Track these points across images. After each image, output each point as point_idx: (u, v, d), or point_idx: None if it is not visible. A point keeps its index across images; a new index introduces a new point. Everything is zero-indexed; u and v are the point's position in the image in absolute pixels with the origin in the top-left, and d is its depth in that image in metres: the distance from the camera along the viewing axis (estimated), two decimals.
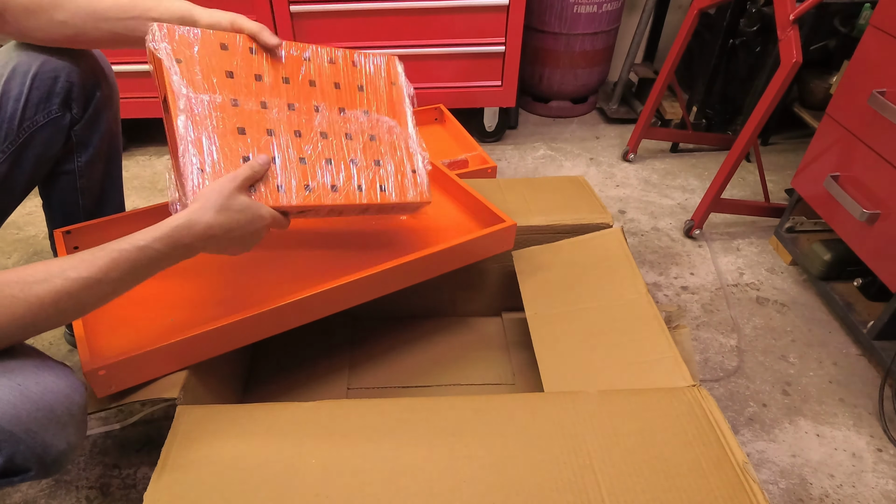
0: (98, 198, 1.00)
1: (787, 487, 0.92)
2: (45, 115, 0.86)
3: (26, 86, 0.83)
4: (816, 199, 1.23)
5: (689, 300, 1.27)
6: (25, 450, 0.56)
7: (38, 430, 0.57)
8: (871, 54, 1.08)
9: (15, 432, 0.55)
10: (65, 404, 0.59)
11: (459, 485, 0.61)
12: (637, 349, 0.79)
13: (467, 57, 1.65)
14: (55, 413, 0.58)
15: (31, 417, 0.56)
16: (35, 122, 0.85)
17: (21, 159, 0.87)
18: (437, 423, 0.67)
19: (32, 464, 0.58)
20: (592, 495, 0.59)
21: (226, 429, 0.67)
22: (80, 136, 0.92)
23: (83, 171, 0.96)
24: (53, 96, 0.85)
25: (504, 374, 1.04)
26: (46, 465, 0.59)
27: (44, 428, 0.57)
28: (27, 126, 0.85)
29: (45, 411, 0.57)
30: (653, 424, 0.66)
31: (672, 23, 2.08)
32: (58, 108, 0.87)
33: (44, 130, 0.87)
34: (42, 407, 0.57)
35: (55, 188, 0.96)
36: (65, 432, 0.59)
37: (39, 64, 0.83)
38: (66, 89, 0.86)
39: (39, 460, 0.58)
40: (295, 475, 0.62)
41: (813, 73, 1.66)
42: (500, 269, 1.07)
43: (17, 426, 0.55)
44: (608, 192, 1.64)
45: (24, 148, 0.86)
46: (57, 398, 0.58)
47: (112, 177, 1.02)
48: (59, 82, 0.85)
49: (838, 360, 1.14)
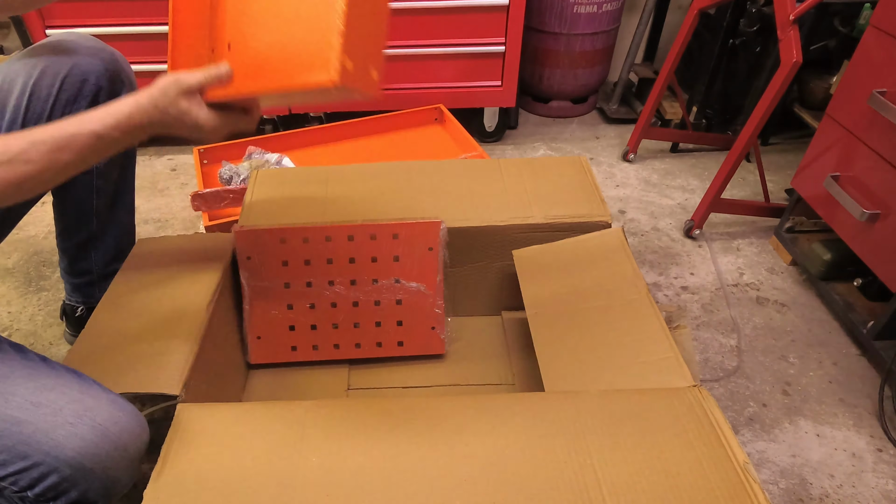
0: (111, 198, 1.01)
1: (787, 487, 0.92)
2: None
3: (55, 87, 0.84)
4: (816, 199, 1.23)
5: (689, 300, 1.27)
6: (98, 486, 0.60)
7: (112, 467, 0.60)
8: (871, 54, 1.08)
9: (95, 470, 0.59)
10: (136, 443, 0.63)
11: (459, 484, 0.61)
12: (637, 349, 0.79)
13: (467, 57, 1.65)
14: (129, 452, 0.62)
15: (109, 456, 0.60)
16: None
17: None
18: (437, 423, 0.67)
19: (101, 497, 0.61)
20: (593, 495, 0.59)
21: (226, 428, 0.67)
22: None
23: (101, 172, 0.97)
24: (81, 98, 0.87)
25: (504, 374, 1.04)
26: (110, 497, 0.62)
27: (117, 465, 0.61)
28: None
29: (121, 451, 0.61)
30: (653, 424, 0.66)
31: (672, 23, 2.08)
32: (85, 110, 0.87)
33: None
34: (119, 447, 0.61)
35: (71, 187, 0.97)
36: (132, 468, 0.63)
37: (70, 66, 0.85)
38: (94, 92, 0.88)
39: (107, 493, 0.61)
40: (295, 475, 0.62)
41: (813, 73, 1.66)
42: (500, 269, 1.07)
43: (97, 464, 0.59)
44: (608, 192, 1.64)
45: None
46: (131, 437, 0.62)
47: (127, 178, 1.04)
48: (88, 85, 0.87)
49: (838, 360, 1.14)
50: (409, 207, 1.03)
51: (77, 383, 0.63)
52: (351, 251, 0.96)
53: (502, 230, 1.02)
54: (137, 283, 0.88)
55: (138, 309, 0.82)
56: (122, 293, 0.86)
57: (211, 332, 0.82)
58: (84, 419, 0.59)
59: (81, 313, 1.09)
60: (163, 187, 1.63)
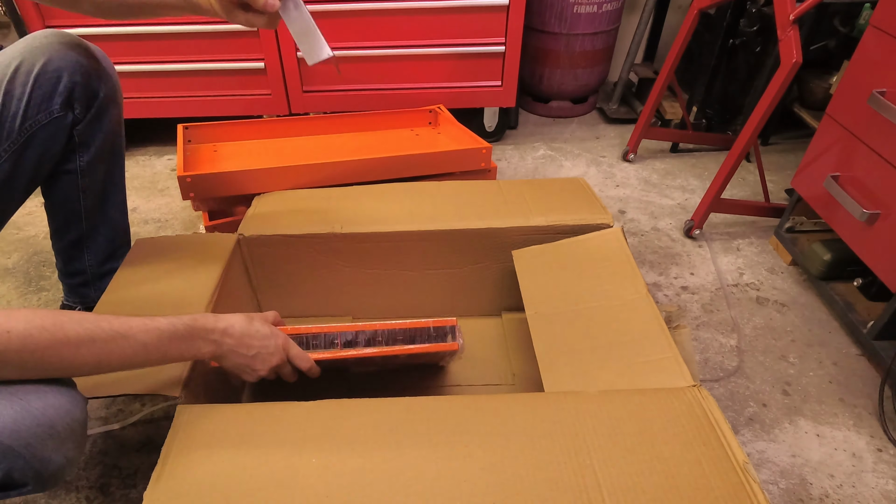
0: (100, 197, 1.00)
1: (787, 487, 0.92)
2: (47, 115, 0.86)
3: (29, 85, 0.83)
4: (816, 199, 1.23)
5: (689, 300, 1.27)
6: (24, 465, 0.56)
7: (37, 445, 0.56)
8: (871, 54, 1.08)
9: (14, 447, 0.55)
10: (66, 420, 0.58)
11: (459, 485, 0.61)
12: (637, 349, 0.79)
13: (467, 57, 1.65)
14: (55, 429, 0.57)
15: (32, 433, 0.56)
16: (37, 122, 0.85)
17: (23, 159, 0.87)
18: (437, 423, 0.67)
19: (29, 479, 0.57)
20: (592, 495, 0.59)
21: (226, 428, 0.67)
22: (82, 135, 0.92)
23: (85, 171, 0.96)
24: (56, 96, 0.85)
25: (504, 374, 1.04)
26: (43, 479, 0.58)
27: (43, 443, 0.56)
28: (29, 125, 0.85)
29: (45, 427, 0.57)
30: (653, 424, 0.66)
31: (672, 23, 2.08)
32: (60, 108, 0.87)
33: (45, 130, 0.87)
34: (43, 423, 0.56)
35: (57, 188, 0.96)
36: (64, 448, 0.59)
37: (43, 63, 0.83)
38: (69, 89, 0.86)
39: (37, 475, 0.57)
40: (295, 475, 0.62)
41: (813, 73, 1.66)
42: (500, 269, 1.07)
43: (17, 441, 0.55)
44: (608, 192, 1.64)
45: (25, 147, 0.86)
46: (58, 413, 0.58)
47: (114, 177, 1.02)
48: (62, 82, 0.85)
49: (838, 360, 1.13)
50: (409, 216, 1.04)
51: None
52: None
53: (503, 232, 1.02)
54: (136, 282, 0.88)
55: (137, 309, 0.82)
56: (121, 293, 0.86)
57: None
58: (3, 394, 0.55)
59: None
60: (163, 187, 1.63)
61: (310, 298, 1.11)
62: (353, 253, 1.04)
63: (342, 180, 1.20)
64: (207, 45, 1.60)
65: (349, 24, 1.57)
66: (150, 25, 1.55)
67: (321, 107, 1.72)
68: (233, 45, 1.60)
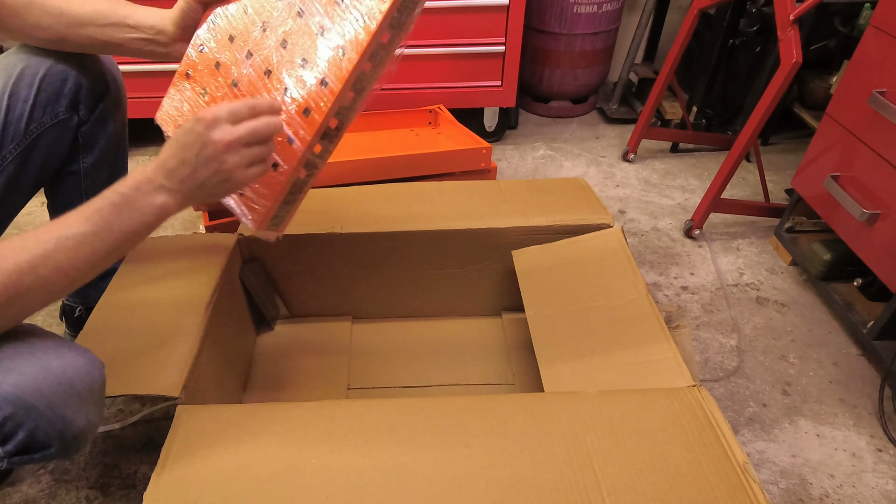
0: None
1: (787, 487, 0.92)
2: (53, 117, 0.86)
3: (34, 87, 0.83)
4: (816, 199, 1.23)
5: (689, 300, 1.27)
6: (46, 424, 0.56)
7: (59, 404, 0.56)
8: (871, 54, 1.08)
9: (37, 406, 0.55)
10: (86, 380, 0.59)
11: (459, 485, 0.61)
12: (637, 349, 0.79)
13: (467, 57, 1.65)
14: (76, 388, 0.58)
15: (53, 391, 0.56)
16: (42, 124, 0.86)
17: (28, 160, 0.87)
18: (437, 423, 0.67)
19: (53, 440, 0.57)
20: (592, 495, 0.59)
21: (226, 428, 0.67)
22: (87, 137, 0.92)
23: (88, 173, 0.96)
24: (61, 98, 0.86)
25: (504, 374, 1.04)
26: (67, 441, 0.58)
27: (65, 402, 0.57)
28: (34, 128, 0.85)
29: (66, 385, 0.57)
30: (653, 424, 0.66)
31: (672, 23, 2.08)
32: (65, 110, 0.87)
33: (51, 132, 0.87)
34: (63, 381, 0.57)
35: (60, 189, 0.96)
36: (85, 409, 0.59)
37: (48, 66, 0.84)
38: (74, 91, 0.86)
39: (60, 436, 0.58)
40: (295, 475, 0.62)
41: (813, 73, 1.66)
42: (500, 269, 1.07)
43: (39, 400, 0.55)
44: (608, 192, 1.64)
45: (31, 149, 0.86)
46: (78, 373, 0.58)
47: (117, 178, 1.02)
48: (68, 84, 0.86)
49: (838, 360, 1.13)
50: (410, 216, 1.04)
51: (25, 329, 0.59)
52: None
53: (503, 232, 1.02)
54: (136, 283, 0.88)
55: (137, 309, 0.82)
56: (121, 294, 0.86)
57: (210, 332, 0.82)
58: (24, 354, 0.56)
59: (80, 313, 1.09)
60: None
61: (310, 298, 1.11)
62: (353, 253, 1.04)
63: (342, 180, 1.20)
64: None
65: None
66: None
67: None
68: None
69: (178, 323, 0.80)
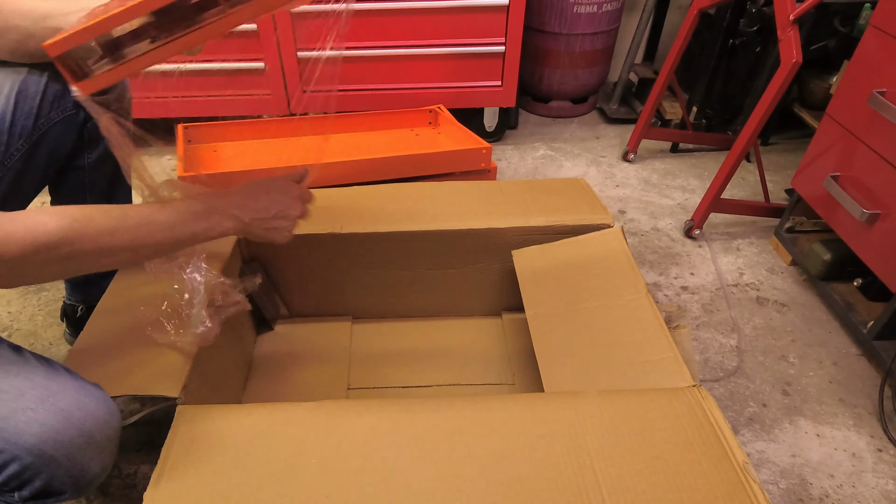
0: (105, 195, 1.01)
1: (787, 487, 0.92)
2: (60, 112, 0.87)
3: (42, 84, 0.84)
4: (816, 199, 1.23)
5: (689, 300, 1.27)
6: (63, 473, 0.58)
7: (77, 455, 0.58)
8: (871, 54, 1.08)
9: (57, 457, 0.57)
10: (104, 430, 0.61)
11: (459, 485, 0.61)
12: (637, 349, 0.79)
13: (467, 57, 1.65)
14: (94, 438, 0.60)
15: (73, 443, 0.58)
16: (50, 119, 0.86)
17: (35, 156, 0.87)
18: (437, 423, 0.67)
19: (68, 487, 0.60)
20: (592, 495, 0.59)
21: (226, 429, 0.67)
22: (92, 132, 0.93)
23: (93, 168, 0.96)
24: (68, 94, 0.86)
25: (504, 374, 1.04)
26: (80, 487, 0.61)
27: (83, 453, 0.59)
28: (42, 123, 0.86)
29: (85, 437, 0.59)
30: (653, 424, 0.66)
31: (672, 23, 2.08)
32: (72, 106, 0.88)
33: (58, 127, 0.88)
34: (84, 433, 0.59)
35: (64, 184, 0.97)
36: (101, 456, 0.61)
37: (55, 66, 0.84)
38: None
39: (75, 483, 0.60)
40: (295, 475, 0.62)
41: (813, 73, 1.66)
42: (500, 269, 1.07)
43: (59, 451, 0.57)
44: (608, 192, 1.64)
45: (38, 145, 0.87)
46: (97, 423, 0.60)
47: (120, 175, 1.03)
48: None
49: (838, 360, 1.13)
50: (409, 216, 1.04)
51: (44, 370, 0.61)
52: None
53: (503, 232, 1.02)
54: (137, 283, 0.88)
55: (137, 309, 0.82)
56: (122, 294, 0.86)
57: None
58: (46, 404, 0.57)
59: (81, 313, 1.09)
60: None
61: (310, 298, 1.11)
62: (353, 253, 1.04)
63: (342, 180, 1.20)
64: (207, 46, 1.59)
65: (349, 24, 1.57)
66: None
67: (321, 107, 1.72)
68: (233, 45, 1.60)
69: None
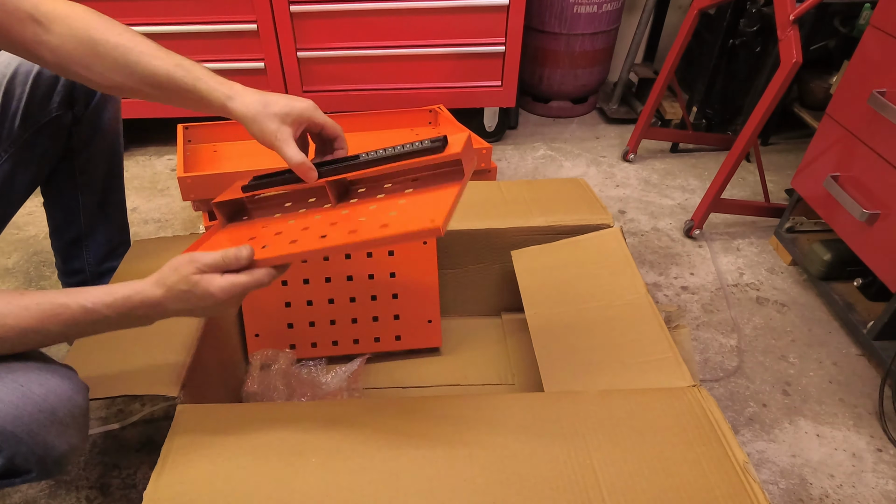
0: (99, 196, 1.01)
1: (787, 487, 0.92)
2: (47, 114, 0.86)
3: (28, 85, 0.83)
4: (816, 199, 1.23)
5: (689, 300, 1.27)
6: (26, 451, 0.56)
7: (39, 431, 0.57)
8: (871, 54, 1.08)
9: (16, 433, 0.55)
10: (67, 406, 0.59)
11: (459, 485, 0.61)
12: (637, 349, 0.79)
13: (467, 57, 1.65)
14: (57, 415, 0.58)
15: (33, 419, 0.56)
16: (37, 122, 0.86)
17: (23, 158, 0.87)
18: (437, 423, 0.67)
19: (33, 465, 0.58)
20: (592, 495, 0.59)
21: (226, 428, 0.67)
22: (81, 134, 0.92)
23: (83, 169, 0.96)
24: (55, 95, 0.86)
25: (504, 374, 1.04)
26: (47, 466, 0.59)
27: (45, 429, 0.57)
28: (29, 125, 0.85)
29: (47, 413, 0.57)
30: (653, 424, 0.66)
31: (672, 23, 2.08)
32: (58, 107, 0.87)
33: (45, 129, 0.87)
34: (44, 409, 0.57)
35: (56, 186, 0.97)
36: (66, 434, 0.59)
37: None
38: (68, 88, 0.86)
39: (40, 462, 0.58)
40: (295, 475, 0.62)
41: (813, 73, 1.66)
42: (500, 269, 1.07)
43: (19, 427, 0.55)
44: (608, 192, 1.64)
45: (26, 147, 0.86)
46: (60, 400, 0.58)
47: (113, 175, 1.03)
48: (61, 81, 0.85)
49: (838, 360, 1.13)
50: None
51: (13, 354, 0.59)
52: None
53: (503, 233, 1.02)
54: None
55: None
56: None
57: (209, 332, 0.82)
58: (4, 379, 0.56)
59: None
60: (163, 187, 1.63)
61: None
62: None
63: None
64: (207, 45, 1.60)
65: (349, 24, 1.57)
66: (148, 26, 1.55)
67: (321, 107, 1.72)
68: (233, 45, 1.60)
69: (177, 322, 0.80)
